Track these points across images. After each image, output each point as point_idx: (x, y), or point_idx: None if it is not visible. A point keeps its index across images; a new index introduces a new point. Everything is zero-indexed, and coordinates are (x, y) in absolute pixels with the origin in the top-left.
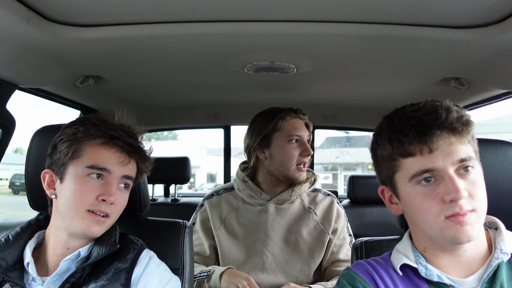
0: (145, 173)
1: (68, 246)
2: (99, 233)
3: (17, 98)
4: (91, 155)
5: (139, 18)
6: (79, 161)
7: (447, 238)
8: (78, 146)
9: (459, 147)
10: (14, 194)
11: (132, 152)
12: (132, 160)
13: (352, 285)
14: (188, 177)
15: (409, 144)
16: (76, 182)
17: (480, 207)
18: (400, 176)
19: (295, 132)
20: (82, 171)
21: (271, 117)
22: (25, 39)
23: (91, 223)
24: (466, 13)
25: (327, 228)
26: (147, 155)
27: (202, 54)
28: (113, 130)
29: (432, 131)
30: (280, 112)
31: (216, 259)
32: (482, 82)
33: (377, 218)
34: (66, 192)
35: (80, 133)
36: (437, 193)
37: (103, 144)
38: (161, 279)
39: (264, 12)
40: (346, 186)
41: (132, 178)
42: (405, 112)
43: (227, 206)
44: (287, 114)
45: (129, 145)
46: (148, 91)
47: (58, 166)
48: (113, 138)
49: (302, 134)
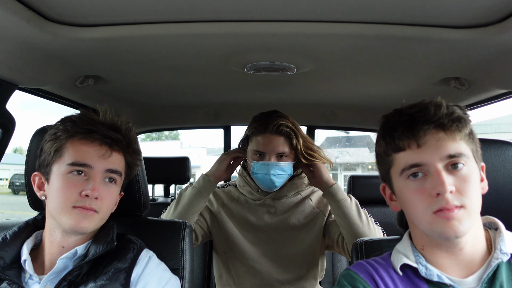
0: (135, 166)
1: (63, 245)
2: (90, 228)
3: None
4: (71, 153)
5: (139, 18)
6: (61, 160)
7: (435, 233)
8: (59, 145)
9: (448, 143)
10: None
11: (113, 144)
12: (114, 153)
13: (353, 285)
14: (188, 177)
15: (399, 139)
16: (59, 180)
17: (470, 204)
18: (393, 171)
19: (258, 148)
20: (64, 169)
21: (250, 124)
22: (25, 39)
23: (79, 217)
24: (466, 13)
25: (323, 210)
26: (131, 147)
27: (202, 54)
28: (90, 125)
29: (419, 126)
30: (253, 123)
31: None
32: (482, 82)
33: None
34: (52, 191)
35: (60, 132)
36: (426, 188)
37: (82, 140)
38: (161, 279)
39: (264, 12)
40: (346, 186)
41: (118, 172)
42: (400, 110)
43: (228, 196)
44: (257, 129)
45: (107, 137)
46: (148, 91)
47: (44, 167)
48: (90, 132)
49: (265, 150)
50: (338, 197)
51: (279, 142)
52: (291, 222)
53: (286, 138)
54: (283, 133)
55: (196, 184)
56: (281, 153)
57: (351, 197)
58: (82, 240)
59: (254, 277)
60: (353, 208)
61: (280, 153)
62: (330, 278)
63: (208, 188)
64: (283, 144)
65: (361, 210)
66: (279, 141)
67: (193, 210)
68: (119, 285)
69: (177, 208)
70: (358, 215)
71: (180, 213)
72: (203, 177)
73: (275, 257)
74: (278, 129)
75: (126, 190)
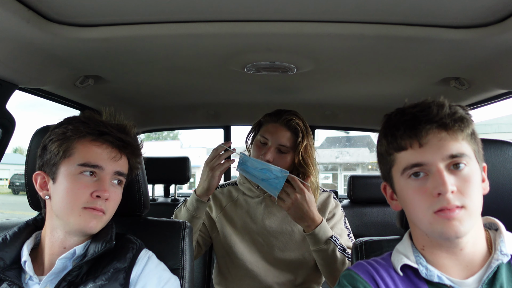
0: (136, 169)
1: (64, 246)
2: (97, 228)
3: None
4: (82, 153)
5: (139, 18)
6: (70, 160)
7: (435, 233)
8: (68, 144)
9: (450, 143)
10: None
11: (123, 147)
12: (123, 156)
13: (353, 286)
14: (188, 177)
15: (401, 138)
16: (69, 180)
17: (471, 204)
18: (395, 170)
19: (264, 134)
20: (75, 169)
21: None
22: (25, 39)
23: (89, 218)
24: (466, 13)
25: (322, 215)
26: (138, 151)
27: (202, 54)
28: (102, 127)
29: (422, 125)
30: (269, 113)
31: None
32: (482, 82)
33: (377, 218)
34: (60, 191)
35: (70, 131)
36: (427, 188)
37: (94, 141)
38: (160, 278)
39: (264, 12)
40: (346, 186)
41: (124, 175)
42: (403, 109)
43: (227, 197)
44: (270, 117)
45: (119, 140)
46: (148, 91)
47: (49, 166)
48: (103, 134)
49: (270, 138)
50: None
51: (285, 135)
52: (289, 226)
53: (293, 133)
54: (291, 128)
55: (190, 207)
56: (282, 145)
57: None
58: (82, 240)
59: (252, 281)
60: (329, 256)
61: (281, 145)
62: None
63: (202, 209)
64: (288, 138)
65: (337, 254)
66: (285, 134)
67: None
68: (119, 285)
69: None
70: (333, 261)
71: None
72: (196, 199)
73: (273, 260)
74: (288, 123)
75: (126, 190)
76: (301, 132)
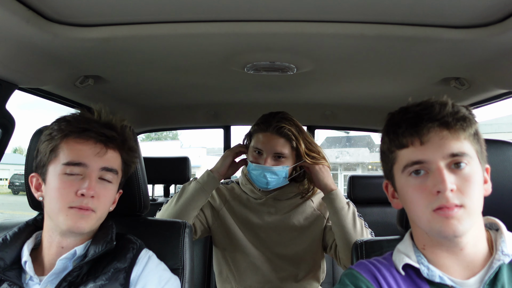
0: (132, 163)
1: (62, 246)
2: (87, 228)
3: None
4: (66, 152)
5: (139, 18)
6: (57, 160)
7: (434, 231)
8: (54, 145)
9: (451, 142)
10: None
11: (108, 141)
12: (110, 151)
13: (355, 285)
14: (188, 177)
15: (402, 136)
16: (56, 180)
17: (470, 204)
18: (396, 168)
19: (257, 146)
20: (60, 169)
21: (256, 121)
22: (25, 39)
23: (76, 218)
24: (466, 13)
25: (323, 213)
26: (127, 144)
27: (202, 54)
28: (85, 124)
29: (423, 123)
30: (258, 120)
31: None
32: (482, 82)
33: (377, 218)
34: (49, 192)
35: (55, 131)
36: (427, 186)
37: (77, 139)
38: (160, 278)
39: (264, 12)
40: (346, 186)
41: (114, 170)
42: (406, 107)
43: (230, 194)
44: (260, 127)
45: (102, 135)
46: (148, 91)
47: (41, 168)
48: (85, 130)
49: (264, 149)
50: (336, 204)
51: (278, 143)
52: (291, 222)
53: (287, 140)
54: (283, 135)
55: (201, 180)
56: (278, 153)
57: (349, 204)
58: (81, 240)
59: (255, 274)
60: (349, 217)
61: (278, 154)
62: (330, 278)
63: (211, 184)
64: (282, 145)
65: (357, 219)
66: (279, 141)
67: (194, 205)
68: (119, 285)
69: (178, 201)
70: (353, 224)
71: (181, 207)
72: (208, 173)
73: (275, 256)
74: (279, 130)
75: (125, 190)
76: (293, 136)
